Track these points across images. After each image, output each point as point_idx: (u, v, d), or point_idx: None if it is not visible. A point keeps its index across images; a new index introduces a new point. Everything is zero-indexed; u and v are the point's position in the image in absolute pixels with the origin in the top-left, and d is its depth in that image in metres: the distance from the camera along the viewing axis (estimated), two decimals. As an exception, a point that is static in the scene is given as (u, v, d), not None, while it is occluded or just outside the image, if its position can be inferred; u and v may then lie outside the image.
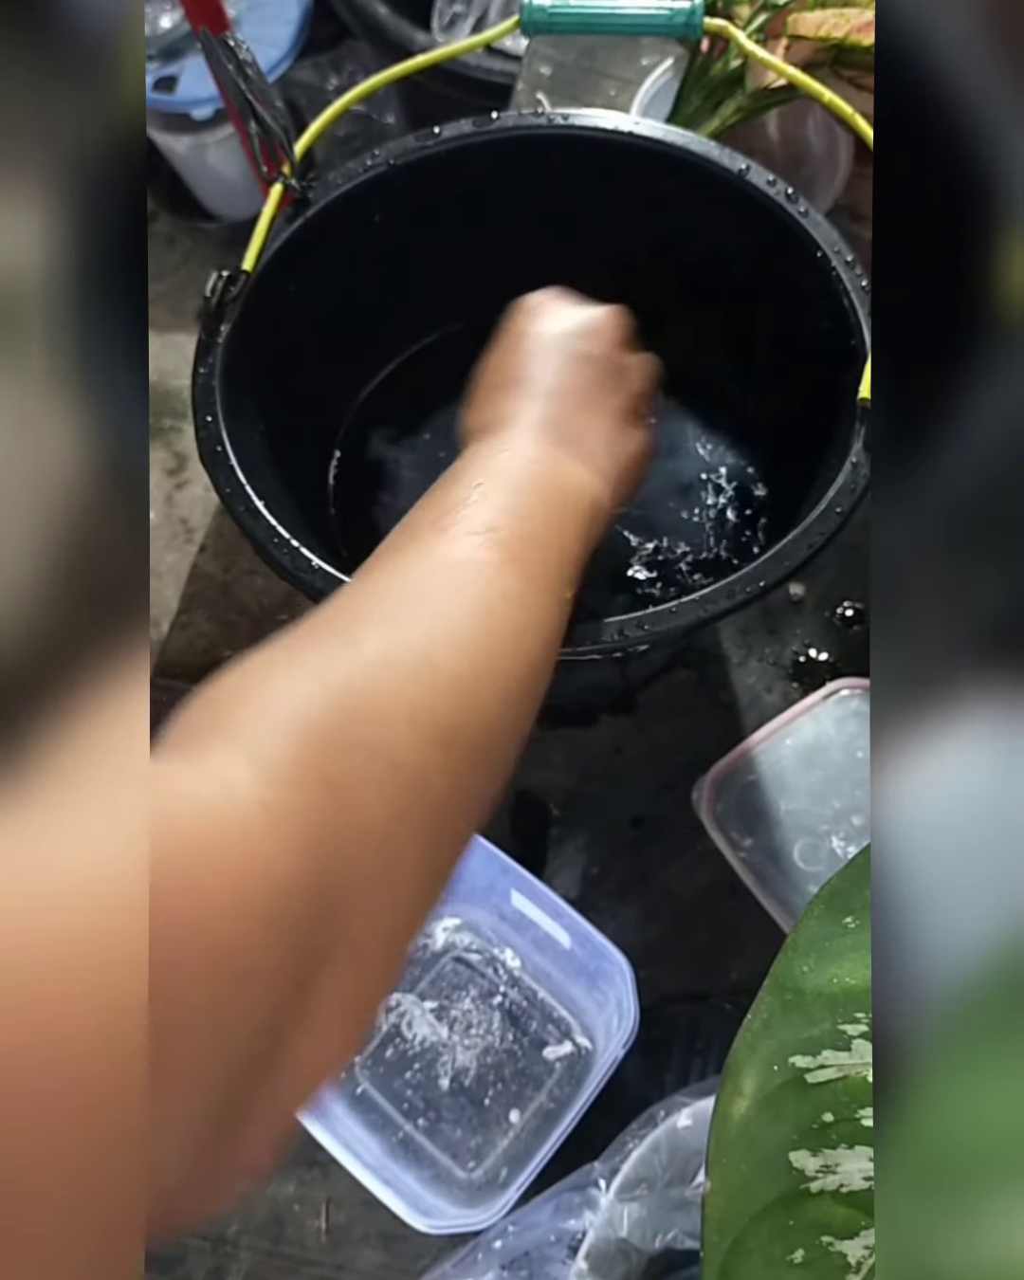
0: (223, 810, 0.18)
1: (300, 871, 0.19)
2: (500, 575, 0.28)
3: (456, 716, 0.24)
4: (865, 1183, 0.26)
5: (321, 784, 0.20)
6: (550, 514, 0.31)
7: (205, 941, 0.16)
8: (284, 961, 0.18)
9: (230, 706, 0.22)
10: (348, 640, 0.25)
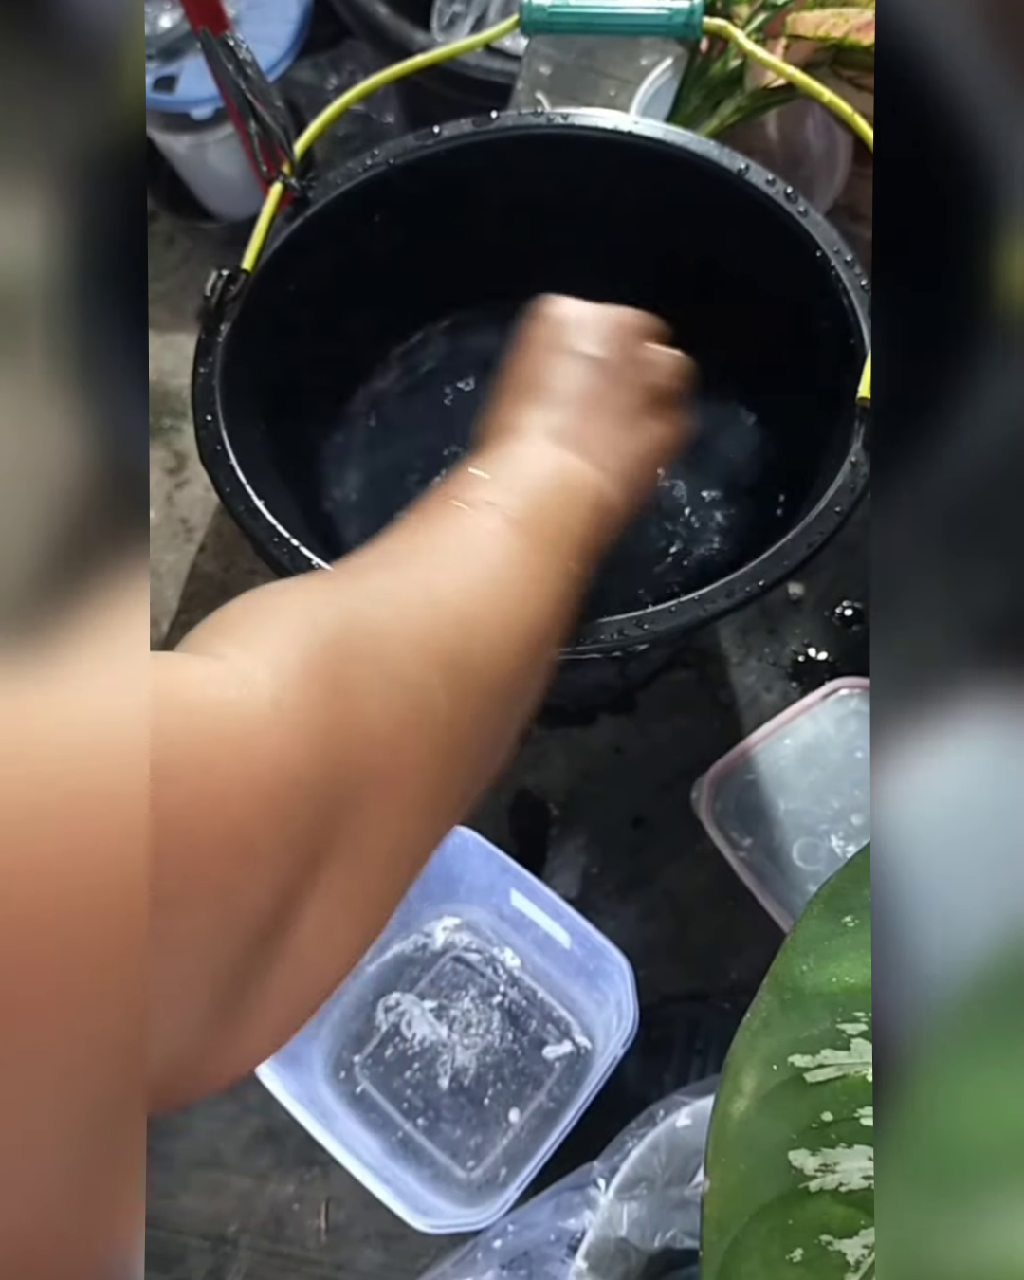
0: (238, 700, 0.19)
1: (309, 764, 0.20)
2: (505, 538, 0.29)
3: (458, 645, 0.25)
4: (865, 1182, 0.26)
5: (328, 687, 0.21)
6: (556, 500, 0.32)
7: (219, 815, 0.17)
8: (291, 847, 0.19)
9: (242, 620, 0.23)
10: (354, 577, 0.27)
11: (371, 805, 0.21)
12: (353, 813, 0.21)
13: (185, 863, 0.16)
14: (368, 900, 0.22)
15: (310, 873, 0.20)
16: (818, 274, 0.43)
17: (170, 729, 0.17)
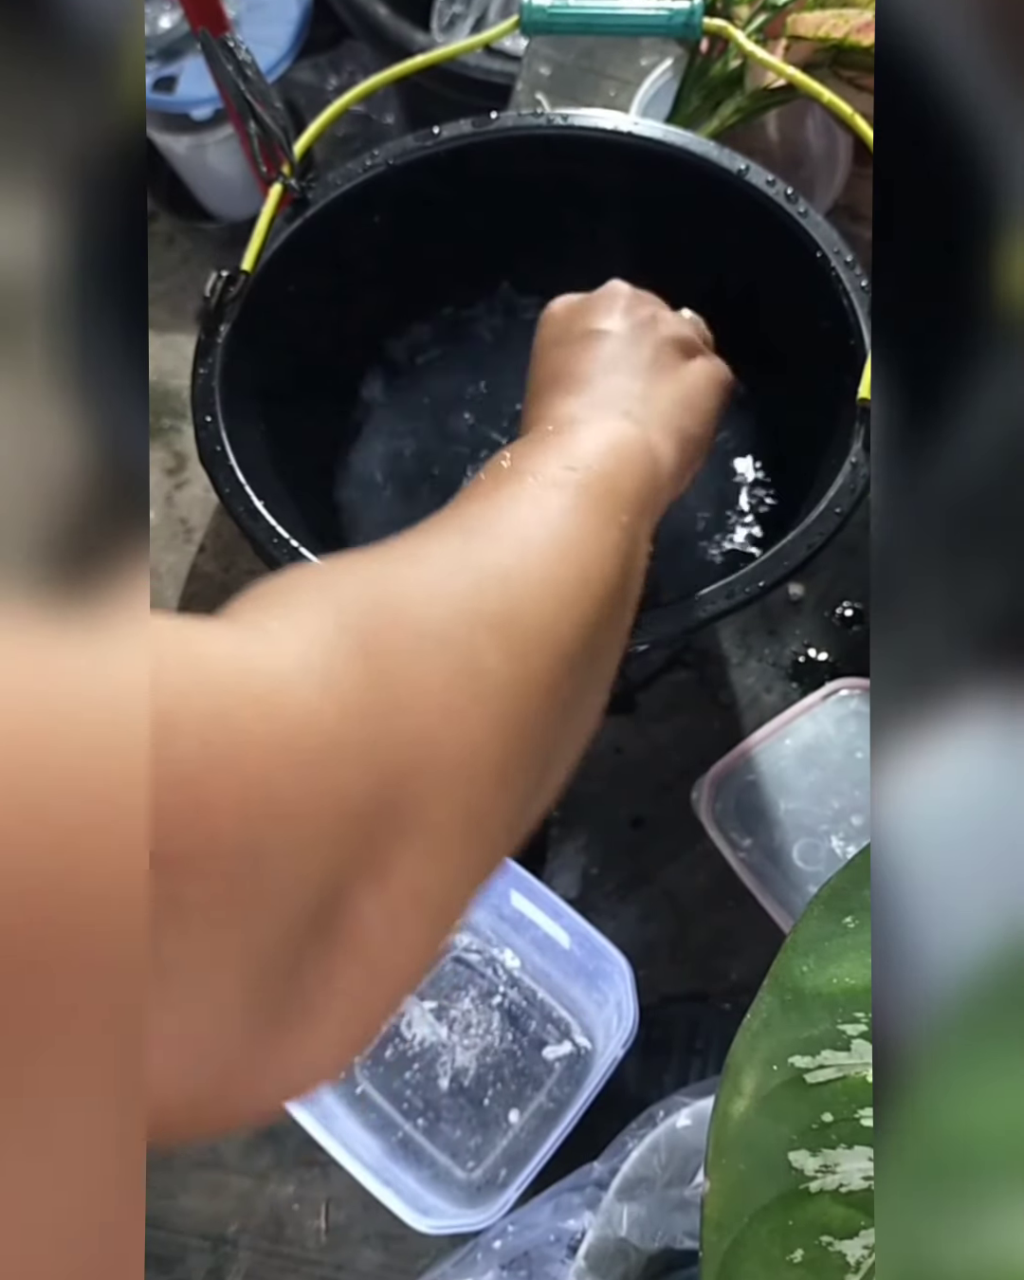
0: (260, 654, 0.17)
1: (345, 722, 0.17)
2: (550, 497, 0.28)
3: (505, 606, 0.23)
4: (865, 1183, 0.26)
5: (366, 648, 0.19)
6: (602, 460, 0.30)
7: (233, 768, 0.15)
8: (336, 812, 0.17)
9: (268, 591, 0.21)
10: (387, 549, 0.25)
11: (429, 775, 0.19)
12: (409, 782, 0.18)
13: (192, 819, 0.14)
14: (441, 884, 0.19)
15: (367, 849, 0.17)
16: (818, 274, 0.43)
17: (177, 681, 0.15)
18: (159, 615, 0.16)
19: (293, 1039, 0.17)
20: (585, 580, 0.26)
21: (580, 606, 0.25)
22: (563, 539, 0.26)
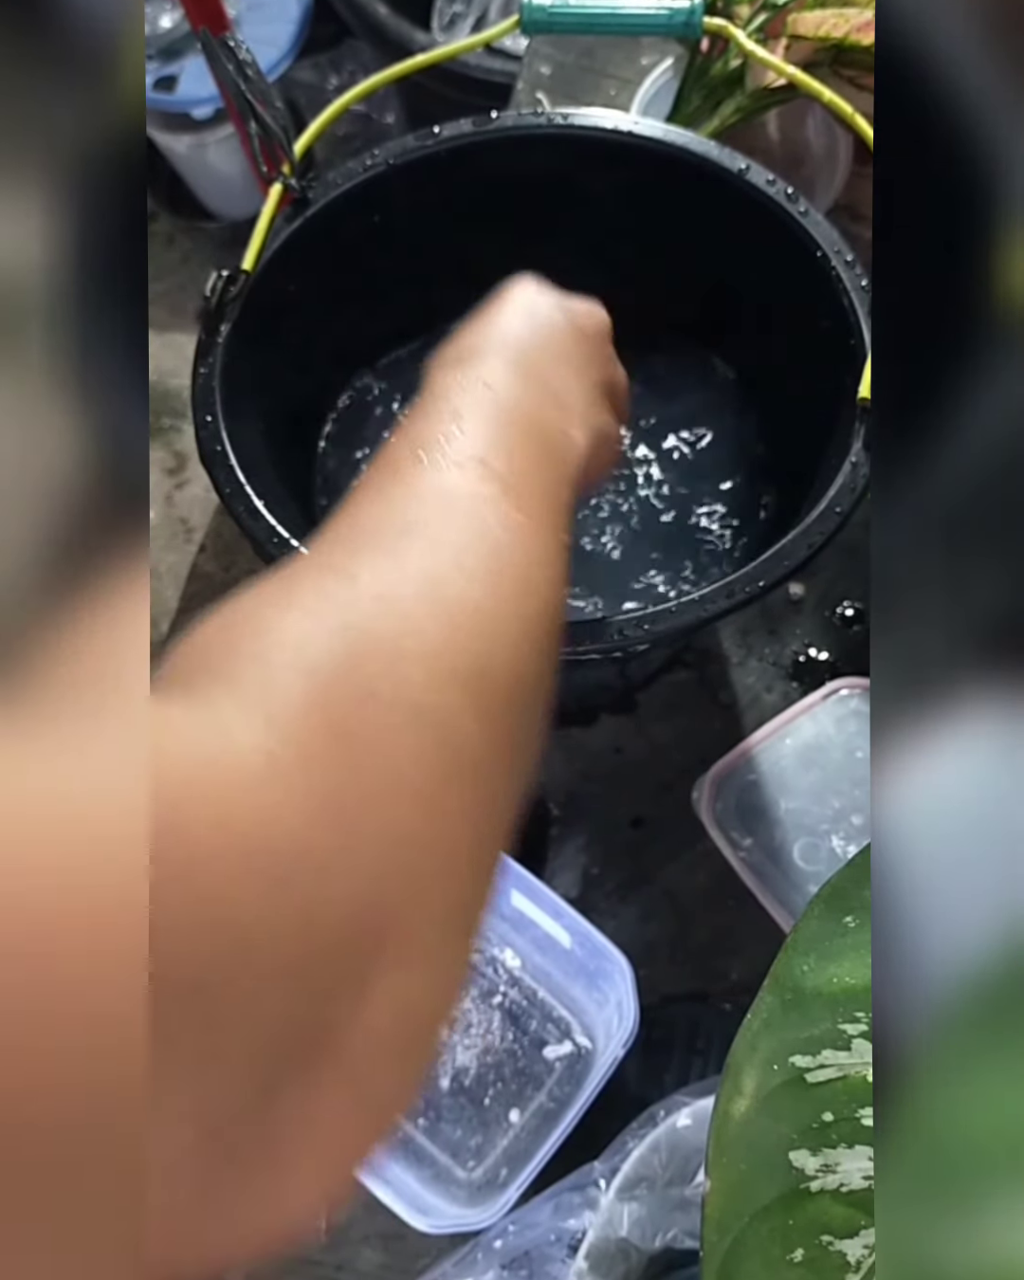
0: (220, 758, 0.15)
1: (314, 829, 0.16)
2: (498, 506, 0.25)
3: (477, 651, 0.21)
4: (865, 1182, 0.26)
5: (333, 735, 0.17)
6: (538, 454, 0.29)
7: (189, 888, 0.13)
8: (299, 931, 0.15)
9: (224, 652, 0.19)
10: (343, 574, 0.22)
11: (408, 876, 0.17)
12: (386, 888, 0.17)
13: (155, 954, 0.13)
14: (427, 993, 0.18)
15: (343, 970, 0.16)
16: (818, 274, 0.43)
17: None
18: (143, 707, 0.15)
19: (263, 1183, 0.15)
20: (547, 613, 0.25)
21: (540, 642, 0.24)
22: (529, 566, 0.25)
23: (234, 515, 0.40)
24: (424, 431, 0.28)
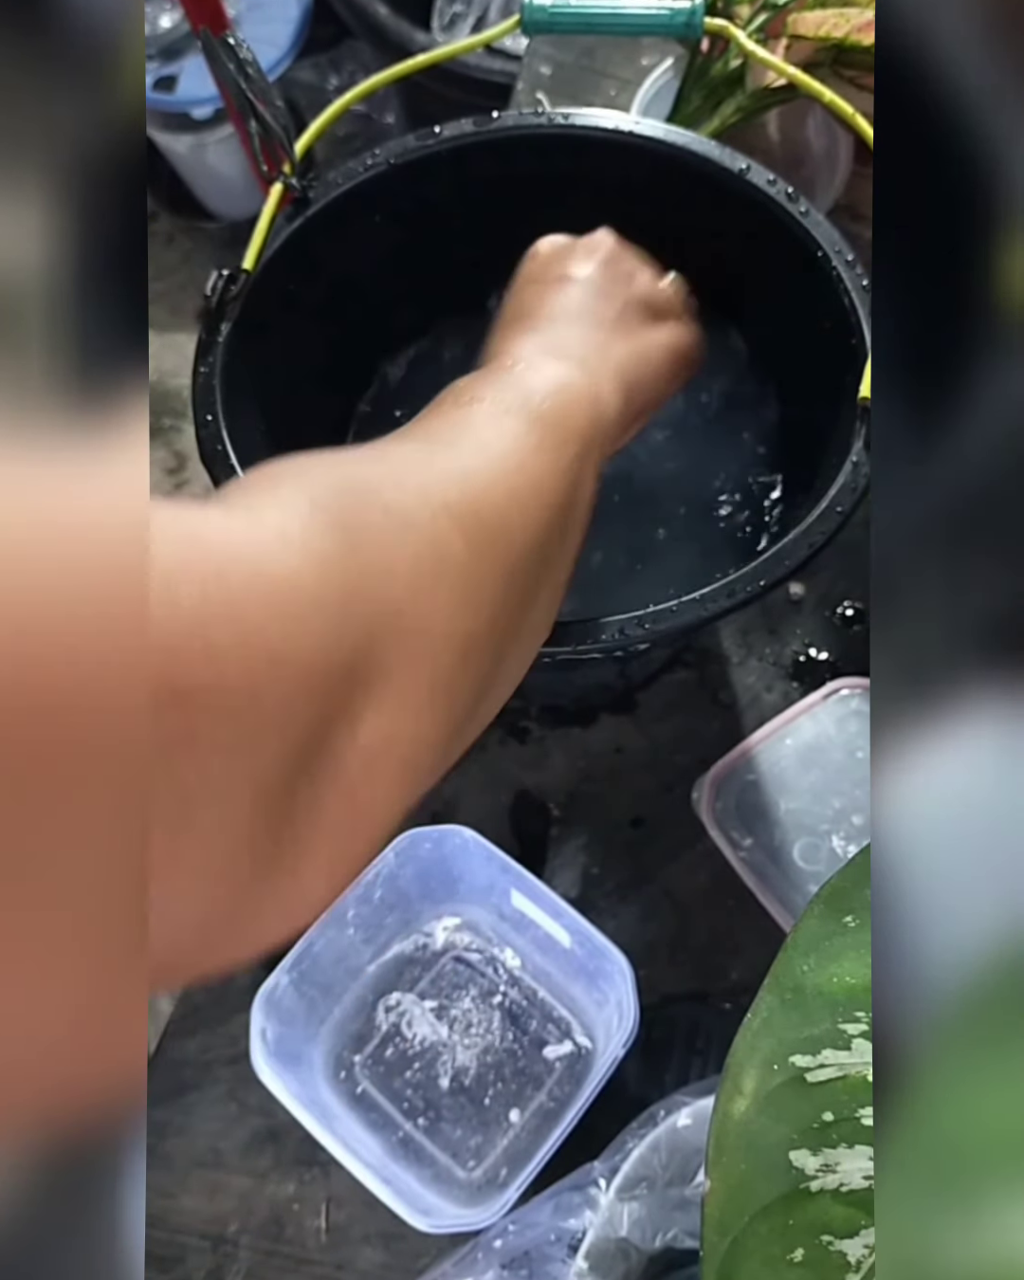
0: (244, 528, 0.19)
1: (323, 584, 0.19)
2: (505, 421, 0.29)
3: (465, 497, 0.25)
4: (865, 1182, 0.26)
5: (338, 525, 0.21)
6: (552, 400, 0.32)
7: (234, 619, 0.16)
8: (317, 662, 0.18)
9: (250, 483, 0.23)
10: (351, 450, 0.26)
11: (397, 638, 0.21)
12: (379, 643, 0.20)
13: (206, 665, 0.15)
14: (409, 736, 0.21)
15: (344, 699, 0.19)
16: (818, 274, 0.43)
17: (176, 545, 0.16)
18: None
19: (288, 871, 0.18)
20: (538, 490, 0.28)
21: (533, 512, 0.27)
22: (518, 454, 0.28)
23: (234, 515, 0.40)
24: (442, 400, 0.32)
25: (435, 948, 0.52)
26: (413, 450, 0.27)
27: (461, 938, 0.52)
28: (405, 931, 0.52)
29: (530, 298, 0.39)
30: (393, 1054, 0.50)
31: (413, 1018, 0.50)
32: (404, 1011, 0.51)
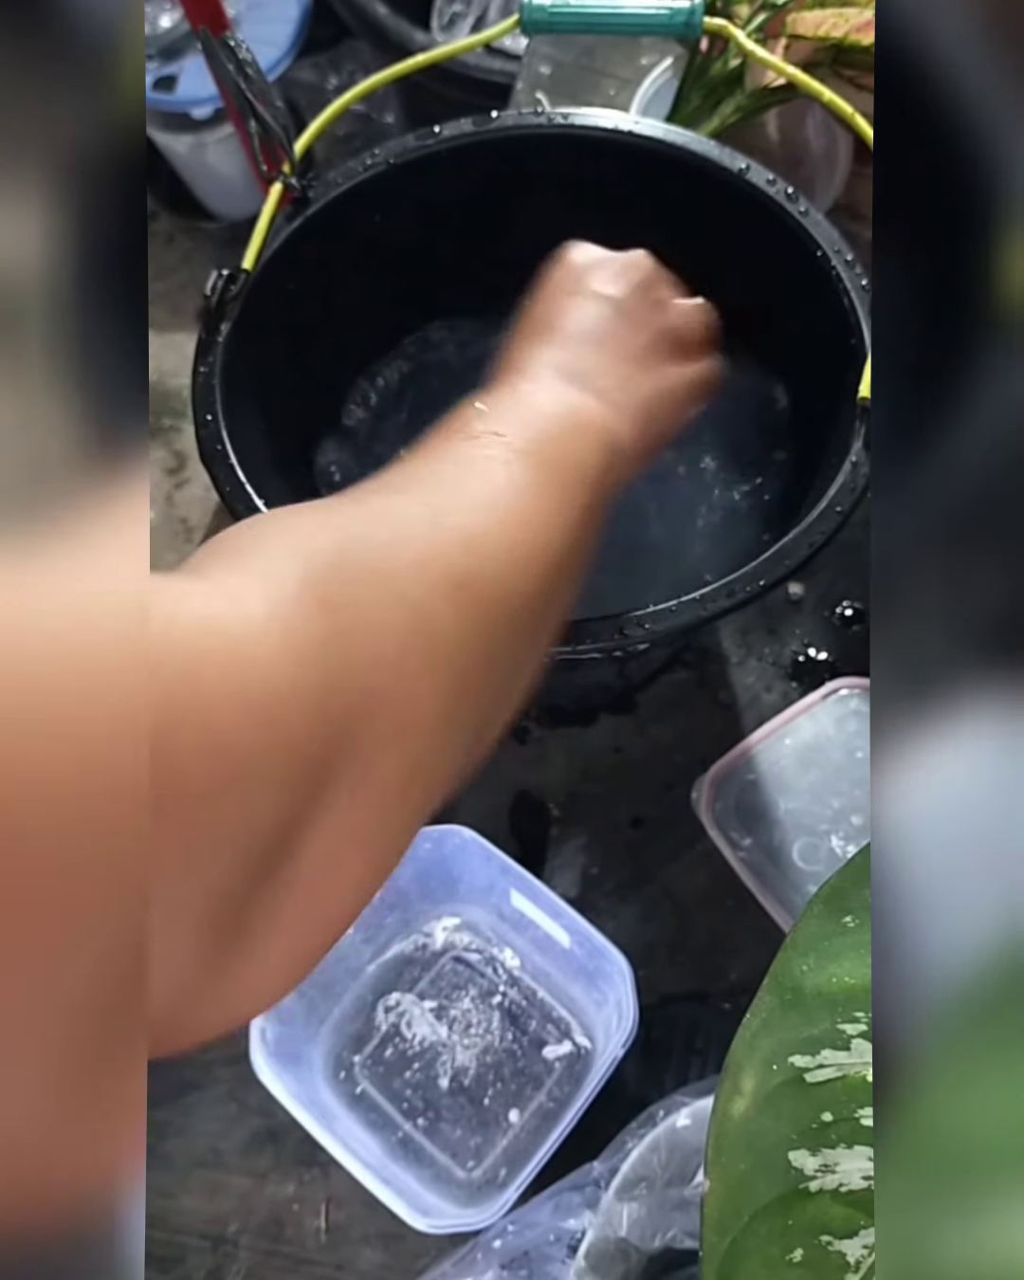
0: (223, 612, 0.18)
1: (303, 678, 0.19)
2: (511, 464, 0.28)
3: (464, 564, 0.24)
4: (865, 1182, 0.26)
5: (324, 604, 0.20)
6: (563, 433, 0.31)
7: (203, 726, 0.16)
8: (288, 763, 0.18)
9: (234, 544, 0.22)
10: (351, 502, 0.26)
11: (377, 727, 0.20)
12: (357, 734, 0.20)
13: (168, 773, 0.15)
14: (380, 827, 0.21)
15: (314, 795, 0.19)
16: (818, 274, 0.43)
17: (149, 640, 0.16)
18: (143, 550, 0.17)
19: (239, 968, 0.18)
20: (544, 549, 0.27)
21: (534, 573, 0.27)
22: (528, 509, 0.27)
23: (234, 515, 0.40)
24: (450, 423, 0.31)
25: (435, 948, 0.52)
26: (418, 505, 0.26)
27: (461, 938, 0.52)
28: (405, 931, 0.52)
29: (557, 309, 0.37)
30: (392, 1054, 0.50)
31: (412, 1018, 0.50)
32: (404, 1012, 0.51)
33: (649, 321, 0.37)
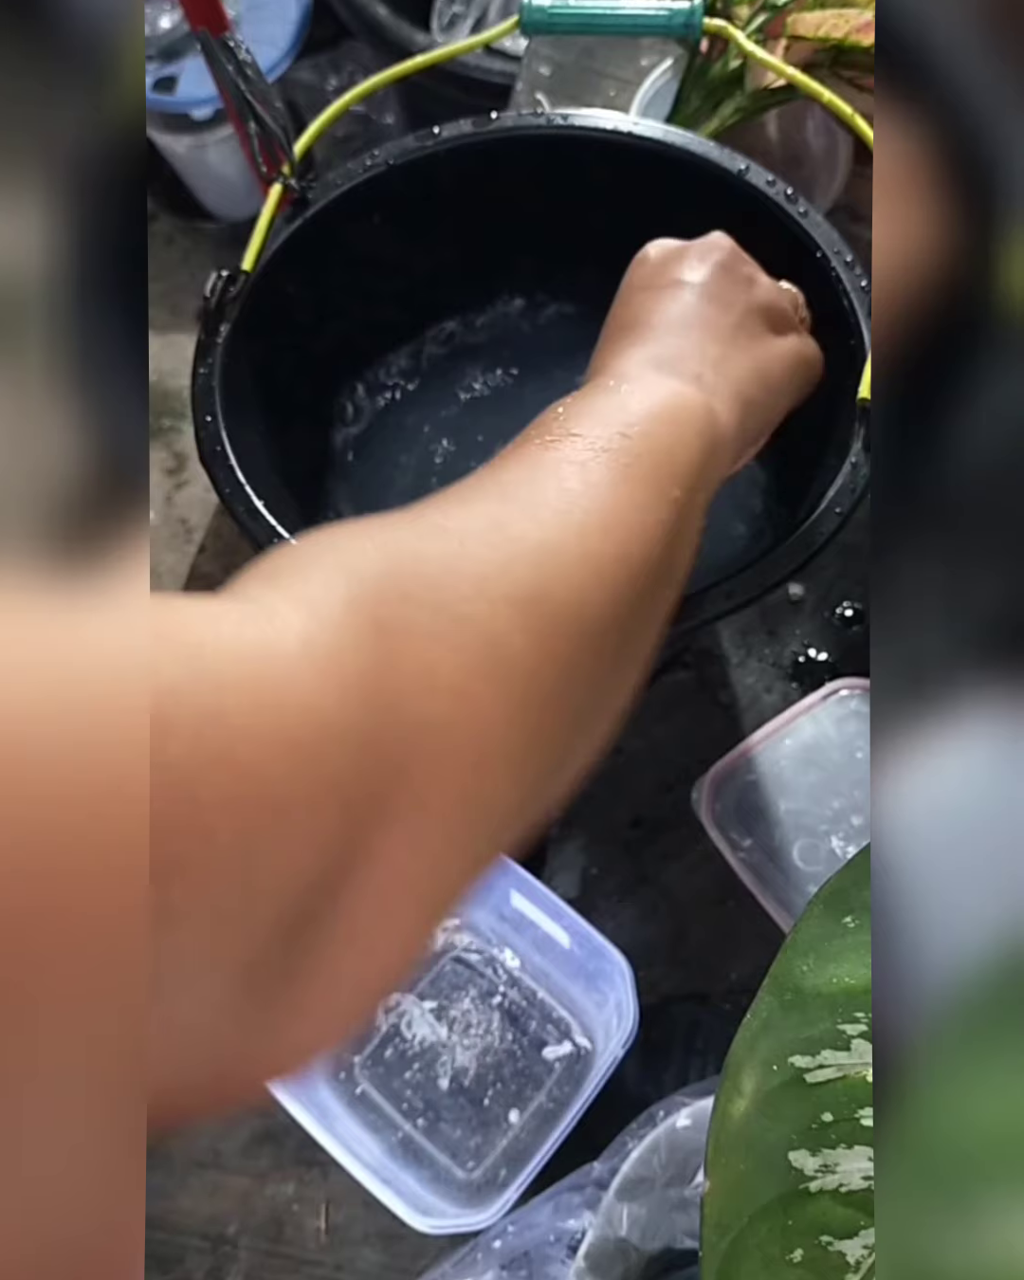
0: (256, 639, 0.16)
1: (346, 708, 0.17)
2: (591, 466, 0.26)
3: (535, 581, 0.22)
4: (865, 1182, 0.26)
5: (374, 626, 0.18)
6: (654, 425, 0.28)
7: (229, 767, 0.14)
8: (331, 804, 0.16)
9: (276, 565, 0.20)
10: (411, 515, 0.23)
11: (435, 762, 0.18)
12: (411, 770, 0.18)
13: (193, 823, 0.14)
14: (436, 875, 0.19)
15: (360, 840, 0.17)
16: (818, 274, 0.43)
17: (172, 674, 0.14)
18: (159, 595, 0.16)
19: (283, 1026, 0.17)
20: (626, 557, 0.25)
21: (617, 585, 0.24)
22: (607, 512, 0.25)
23: (234, 515, 0.40)
24: (535, 426, 0.29)
25: (435, 948, 0.52)
26: (480, 517, 0.23)
27: (461, 938, 0.52)
28: (405, 932, 0.52)
29: (639, 306, 0.36)
30: (392, 1054, 0.50)
31: (412, 1018, 0.50)
32: (403, 1012, 0.51)
33: (736, 300, 0.36)
